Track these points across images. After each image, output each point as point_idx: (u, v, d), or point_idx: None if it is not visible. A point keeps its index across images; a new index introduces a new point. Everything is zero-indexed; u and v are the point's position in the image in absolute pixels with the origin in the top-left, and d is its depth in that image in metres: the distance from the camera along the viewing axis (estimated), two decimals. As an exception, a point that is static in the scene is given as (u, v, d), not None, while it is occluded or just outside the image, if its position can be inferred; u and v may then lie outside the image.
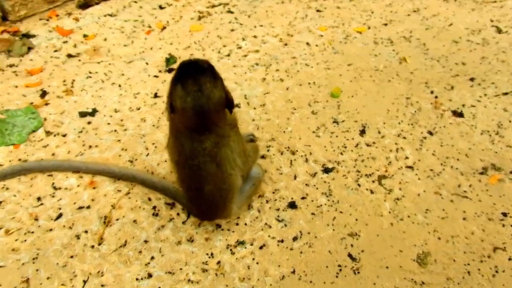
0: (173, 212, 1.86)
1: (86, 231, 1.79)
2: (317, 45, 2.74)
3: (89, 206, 1.87)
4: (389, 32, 2.87)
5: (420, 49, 2.73)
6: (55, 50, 2.64)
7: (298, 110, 2.30)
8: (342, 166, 2.04)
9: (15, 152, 2.05)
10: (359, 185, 1.96)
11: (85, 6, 2.98)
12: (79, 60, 2.59)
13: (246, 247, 1.75)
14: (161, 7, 3.05)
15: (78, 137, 2.15)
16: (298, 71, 2.54)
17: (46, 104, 2.30)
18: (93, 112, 2.27)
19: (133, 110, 2.29)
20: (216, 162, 1.54)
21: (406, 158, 2.08)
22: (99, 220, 1.83)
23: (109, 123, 2.22)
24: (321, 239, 1.77)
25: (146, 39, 2.75)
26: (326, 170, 2.02)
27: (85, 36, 2.75)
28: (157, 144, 2.12)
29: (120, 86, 2.43)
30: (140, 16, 2.96)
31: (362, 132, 2.19)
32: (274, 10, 3.06)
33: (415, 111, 2.30)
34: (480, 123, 2.25)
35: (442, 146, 2.13)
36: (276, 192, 1.93)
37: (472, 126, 2.24)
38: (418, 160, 2.07)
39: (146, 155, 2.07)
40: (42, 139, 2.13)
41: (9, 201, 1.86)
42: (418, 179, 1.99)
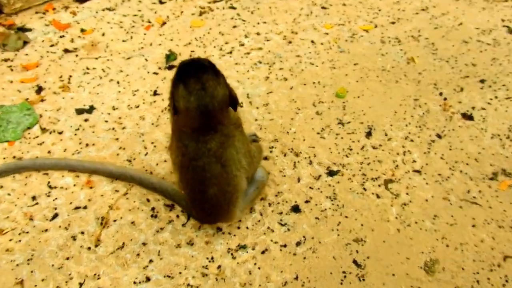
0: (172, 214, 1.87)
1: (83, 232, 1.80)
2: (322, 43, 2.75)
3: (85, 207, 1.88)
4: (396, 31, 2.88)
5: (428, 49, 2.74)
6: (52, 45, 2.64)
7: (302, 110, 2.31)
8: (347, 169, 2.04)
9: (10, 149, 2.06)
10: (365, 189, 1.97)
11: (82, -1, 2.99)
12: (76, 55, 2.59)
13: (247, 252, 1.75)
14: (161, 2, 3.06)
15: (75, 134, 2.15)
16: (302, 70, 2.55)
17: (42, 100, 2.31)
18: (90, 109, 2.28)
19: (131, 108, 2.29)
20: (221, 162, 1.55)
21: (414, 161, 2.08)
22: (96, 221, 1.84)
23: (106, 121, 2.22)
24: (325, 245, 1.78)
25: (145, 35, 2.76)
26: (331, 173, 2.02)
27: (82, 30, 2.76)
28: (156, 143, 2.13)
29: (118, 83, 2.43)
30: (139, 10, 2.96)
31: (368, 134, 2.20)
32: (278, 7, 3.07)
33: (423, 113, 2.31)
34: (490, 127, 2.26)
35: (451, 149, 2.14)
36: (279, 195, 1.94)
37: (482, 129, 2.25)
38: (426, 164, 2.08)
39: (145, 155, 2.08)
40: (37, 136, 2.13)
41: (3, 200, 1.87)
42: (426, 184, 2.00)
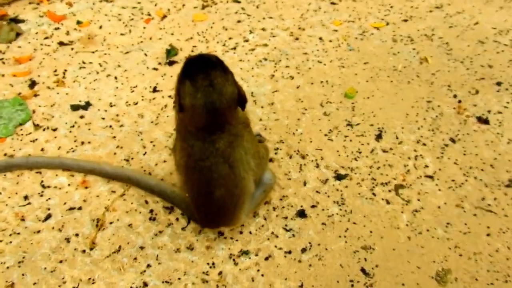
0: (171, 217, 1.88)
1: (77, 234, 1.81)
2: (330, 40, 2.77)
3: (80, 207, 1.89)
4: (409, 29, 2.90)
5: (442, 49, 2.76)
6: (46, 37, 2.66)
7: (309, 110, 2.32)
8: (356, 173, 2.06)
9: (1, 146, 2.07)
10: (374, 194, 1.98)
11: (79, -10, 3.00)
12: (72, 48, 2.61)
13: (250, 258, 1.76)
14: (162, -6, 3.07)
15: (70, 132, 2.17)
16: (309, 69, 2.57)
17: (35, 95, 2.32)
18: (86, 105, 2.29)
19: (130, 104, 2.31)
20: (229, 163, 1.56)
21: (426, 166, 2.10)
22: (91, 223, 1.85)
23: (103, 118, 2.24)
24: (332, 252, 1.79)
25: (145, 28, 2.78)
26: (339, 177, 2.04)
27: (78, 22, 2.78)
28: (155, 142, 2.14)
29: (116, 78, 2.45)
30: (138, 2, 2.98)
31: (378, 136, 2.21)
32: (285, 1, 3.09)
33: (436, 116, 2.33)
34: (507, 131, 2.28)
35: (465, 155, 2.16)
36: (284, 199, 1.95)
37: (498, 134, 2.26)
38: (439, 169, 2.09)
39: (143, 154, 2.09)
40: (30, 133, 2.15)
41: (-7, 199, 1.89)
42: (439, 190, 2.01)
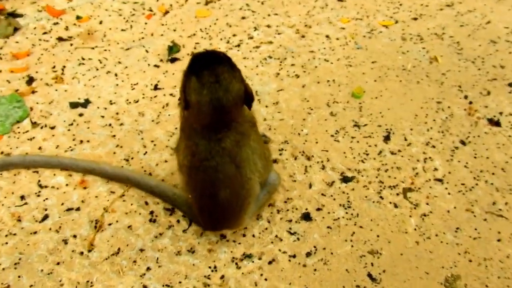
0: (172, 218, 1.89)
1: (75, 236, 1.82)
2: (338, 38, 2.77)
3: (78, 208, 1.90)
4: (419, 27, 2.90)
5: (453, 48, 2.76)
6: (44, 32, 2.67)
7: (315, 110, 2.33)
8: (363, 176, 2.06)
9: (-2, 144, 2.08)
10: (382, 197, 1.99)
11: (79, -16, 3.02)
12: (71, 44, 2.62)
13: (253, 261, 1.77)
14: (164, -11, 3.08)
15: (68, 130, 2.18)
16: (316, 67, 2.57)
17: (33, 92, 2.33)
18: (85, 103, 2.30)
19: (130, 102, 2.32)
20: (235, 163, 1.57)
21: (435, 169, 2.10)
22: (90, 224, 1.86)
23: (103, 116, 2.25)
24: (337, 256, 1.80)
25: (146, 24, 2.79)
26: (345, 179, 2.04)
27: (78, 17, 2.79)
28: (156, 141, 2.15)
29: (116, 75, 2.46)
30: (140, -3, 2.99)
31: (386, 138, 2.22)
32: (291, -2, 3.10)
33: (447, 118, 2.33)
34: (519, 134, 2.28)
35: (475, 157, 2.16)
36: (288, 201, 1.96)
37: (510, 136, 2.27)
38: (449, 172, 2.09)
39: (144, 154, 2.10)
40: (27, 131, 2.16)
41: (-11, 198, 1.90)
42: (448, 194, 2.01)
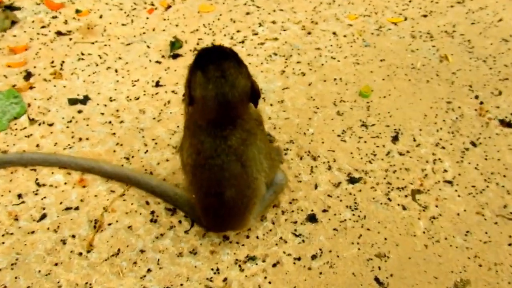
0: (174, 219, 1.89)
1: (74, 236, 1.82)
2: (345, 35, 2.77)
3: (77, 207, 1.91)
4: (428, 25, 2.90)
5: (464, 46, 2.76)
6: (43, 26, 2.68)
7: (321, 109, 2.33)
8: (370, 177, 2.06)
9: (-5, 140, 2.09)
10: (390, 199, 1.99)
11: (78, -23, 3.02)
12: (70, 39, 2.63)
13: (257, 264, 1.77)
14: (166, -17, 3.09)
15: (67, 127, 2.18)
16: (322, 65, 2.58)
17: (31, 87, 2.34)
18: (84, 99, 2.31)
19: (131, 99, 2.32)
20: (241, 162, 1.57)
21: (445, 171, 2.11)
22: (89, 224, 1.86)
23: (102, 113, 2.25)
24: (344, 259, 1.80)
25: (148, 19, 2.79)
26: (352, 180, 2.05)
27: (77, 11, 2.79)
28: (157, 140, 2.16)
29: (116, 71, 2.46)
30: (141, -9, 3.00)
31: (395, 138, 2.22)
32: (296, -7, 3.10)
33: (457, 118, 2.33)
34: (531, 135, 2.28)
35: (486, 159, 2.16)
36: (293, 202, 1.96)
37: (522, 138, 2.27)
38: (459, 174, 2.10)
39: (145, 152, 2.11)
40: (25, 128, 2.16)
41: (-14, 196, 1.90)
42: (458, 196, 2.02)
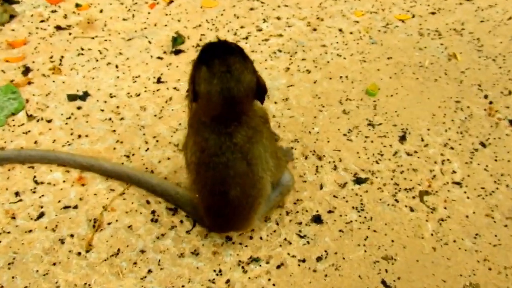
0: (175, 218, 1.90)
1: (72, 235, 1.83)
2: (351, 32, 2.78)
3: (76, 206, 1.92)
4: (437, 22, 2.91)
5: (473, 45, 2.77)
6: (42, 20, 2.69)
7: (327, 108, 2.34)
8: (377, 177, 2.07)
9: (-8, 137, 2.10)
10: (397, 200, 2.00)
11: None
12: (70, 33, 2.64)
13: (261, 265, 1.78)
14: (167, -23, 3.10)
15: (66, 124, 2.19)
16: (328, 62, 2.59)
17: (29, 83, 2.35)
18: (84, 95, 2.32)
19: (131, 96, 2.33)
20: (247, 160, 1.58)
21: (454, 172, 2.11)
22: (88, 223, 1.87)
23: (102, 110, 2.26)
24: (350, 261, 1.81)
25: (149, 14, 2.80)
26: (358, 181, 2.06)
27: (77, 5, 2.81)
28: (158, 137, 2.17)
29: (117, 67, 2.47)
30: (142, -14, 3.01)
31: (402, 138, 2.23)
32: (302, -11, 3.11)
33: (466, 118, 2.34)
34: (542, 137, 2.29)
35: (496, 160, 2.17)
36: (298, 203, 1.97)
37: (533, 139, 2.28)
38: (468, 175, 2.11)
39: (146, 150, 2.11)
40: (23, 124, 2.17)
41: (-17, 194, 1.91)
42: (467, 198, 2.02)
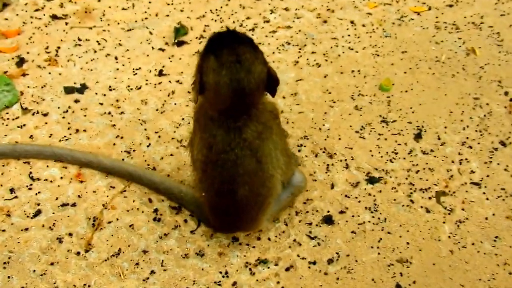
0: (179, 218, 1.92)
1: (71, 234, 1.86)
2: (364, 25, 2.81)
3: (74, 204, 1.94)
4: (454, 15, 2.93)
5: (492, 39, 2.79)
6: (37, 9, 2.71)
7: (338, 103, 2.37)
8: (391, 177, 2.10)
9: (-15, 130, 2.12)
10: (412, 201, 2.02)
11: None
12: (66, 23, 2.66)
13: (269, 267, 1.81)
14: (169, -35, 3.12)
15: (63, 118, 2.22)
16: (339, 56, 2.61)
17: (24, 74, 2.38)
18: (81, 88, 2.34)
19: (132, 89, 2.36)
20: (256, 157, 1.60)
21: (472, 172, 2.13)
22: (87, 221, 1.89)
23: (101, 104, 2.29)
24: (363, 264, 1.83)
25: (150, 3, 2.82)
26: (371, 180, 2.08)
27: (74, -6, 2.83)
28: (160, 133, 2.19)
29: (116, 58, 2.50)
30: (142, -26, 3.03)
31: (418, 136, 2.25)
32: (311, -22, 3.13)
33: (485, 116, 2.36)
34: None
35: (517, 160, 2.20)
36: (308, 202, 1.99)
37: (555, 138, 2.30)
38: (487, 175, 2.13)
39: (147, 146, 2.14)
40: (17, 117, 2.20)
41: (-24, 190, 1.94)
42: (486, 199, 2.05)
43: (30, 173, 2.02)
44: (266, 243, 1.87)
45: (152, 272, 1.77)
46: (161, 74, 2.44)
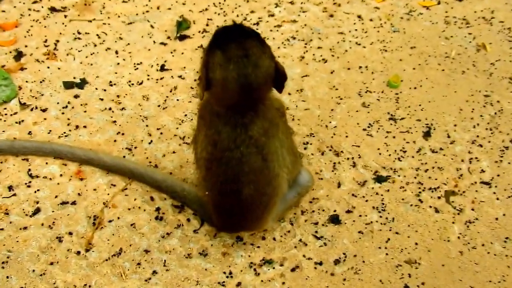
0: (181, 216, 1.94)
1: (71, 233, 1.87)
2: (371, 19, 2.82)
3: (74, 202, 1.95)
4: (464, 10, 2.94)
5: (503, 34, 2.80)
6: (35, 1, 2.72)
7: (345, 100, 2.38)
8: (399, 176, 2.11)
9: (-17, 126, 2.14)
10: (421, 200, 2.04)
11: None
12: (65, 16, 2.67)
13: (274, 268, 1.82)
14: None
15: (62, 113, 2.23)
16: (346, 51, 2.62)
17: (22, 69, 2.39)
18: (81, 83, 2.36)
19: (133, 84, 2.37)
20: (262, 155, 1.61)
21: (482, 171, 2.15)
22: (87, 220, 1.91)
23: (101, 99, 2.30)
24: (370, 265, 1.85)
25: (151, -4, 2.84)
26: (379, 179, 2.09)
27: (73, -15, 2.84)
28: (163, 129, 2.20)
29: (117, 53, 2.51)
30: (143, -35, 3.04)
31: (427, 134, 2.27)
32: (317, -29, 3.14)
33: (495, 113, 2.37)
34: None
35: (528, 159, 2.21)
36: (314, 201, 2.01)
37: None
38: (497, 175, 2.14)
39: (149, 143, 2.15)
40: (15, 113, 2.21)
41: (-26, 187, 1.95)
42: (497, 199, 2.06)
43: (29, 170, 2.03)
44: (271, 243, 1.89)
45: (154, 272, 1.79)
46: (163, 69, 2.45)
